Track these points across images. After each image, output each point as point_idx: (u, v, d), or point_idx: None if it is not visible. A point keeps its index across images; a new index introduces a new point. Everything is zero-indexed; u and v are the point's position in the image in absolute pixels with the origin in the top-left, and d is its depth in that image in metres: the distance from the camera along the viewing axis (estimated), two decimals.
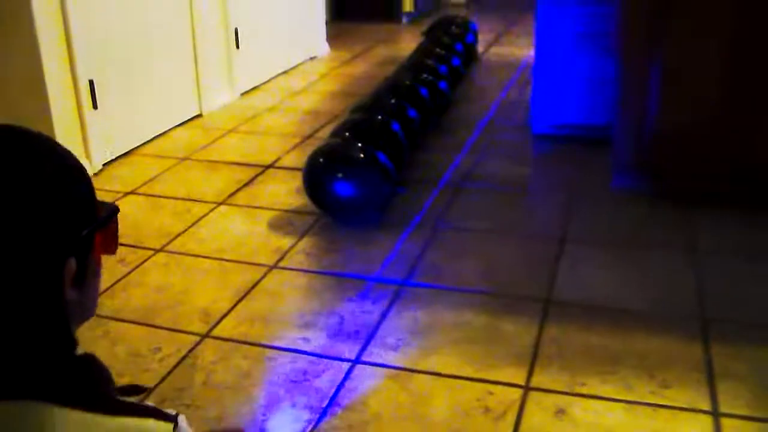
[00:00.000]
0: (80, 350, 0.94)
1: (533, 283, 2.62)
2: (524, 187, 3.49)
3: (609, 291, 2.56)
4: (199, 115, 4.53)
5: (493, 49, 6.25)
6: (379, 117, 3.36)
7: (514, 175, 3.62)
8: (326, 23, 6.24)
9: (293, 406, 2.04)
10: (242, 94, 4.97)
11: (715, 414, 1.98)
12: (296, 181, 3.42)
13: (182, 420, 0.94)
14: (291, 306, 2.54)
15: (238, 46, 4.88)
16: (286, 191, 3.43)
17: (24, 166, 0.86)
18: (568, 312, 2.45)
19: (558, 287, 2.60)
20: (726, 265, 2.70)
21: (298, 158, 3.70)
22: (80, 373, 0.95)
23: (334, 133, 3.28)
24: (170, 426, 0.92)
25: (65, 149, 0.92)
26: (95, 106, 3.63)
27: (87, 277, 0.93)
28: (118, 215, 0.98)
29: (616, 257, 2.79)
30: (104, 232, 0.95)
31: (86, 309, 0.97)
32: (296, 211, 3.22)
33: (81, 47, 3.50)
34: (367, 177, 2.99)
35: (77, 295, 0.92)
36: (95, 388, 0.96)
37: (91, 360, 0.97)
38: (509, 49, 6.27)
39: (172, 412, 0.94)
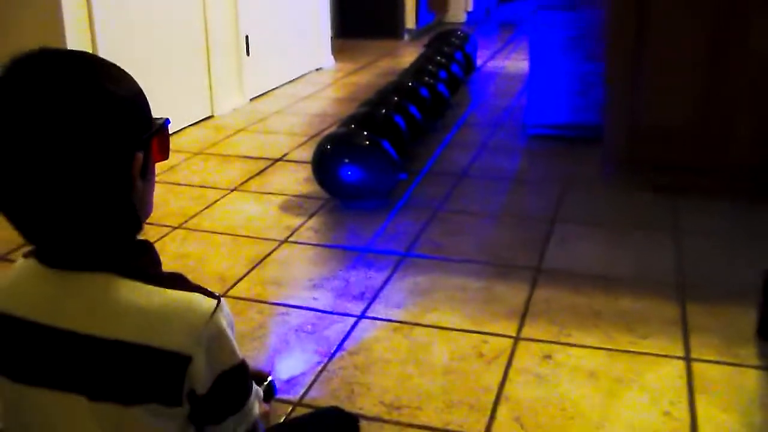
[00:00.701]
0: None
1: (525, 254, 2.83)
2: (519, 177, 3.71)
3: (595, 262, 2.77)
4: (211, 117, 4.76)
5: (491, 62, 6.51)
6: (383, 110, 3.59)
7: (510, 168, 3.84)
8: (331, 38, 6.49)
9: (304, 351, 2.25)
10: (251, 99, 5.21)
11: (687, 359, 2.18)
12: (305, 171, 3.65)
13: (224, 300, 1.14)
14: (301, 272, 2.74)
15: (248, 54, 5.13)
16: (295, 180, 3.65)
17: (110, 80, 1.08)
18: (557, 278, 2.66)
19: (548, 258, 2.81)
20: (704, 243, 2.91)
21: (306, 153, 3.91)
22: (141, 254, 1.16)
23: (342, 124, 3.51)
24: (214, 302, 1.12)
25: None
26: None
27: (148, 173, 1.15)
28: None
29: (603, 235, 3.00)
30: (159, 137, 1.17)
31: (146, 203, 1.17)
32: (305, 196, 3.44)
33: (104, 45, 3.75)
34: (371, 161, 3.21)
35: (142, 186, 1.13)
36: (152, 267, 1.17)
37: (149, 245, 1.18)
38: (506, 62, 6.53)
39: (216, 292, 1.14)
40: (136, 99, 1.13)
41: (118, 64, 1.13)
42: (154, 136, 1.15)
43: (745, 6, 3.14)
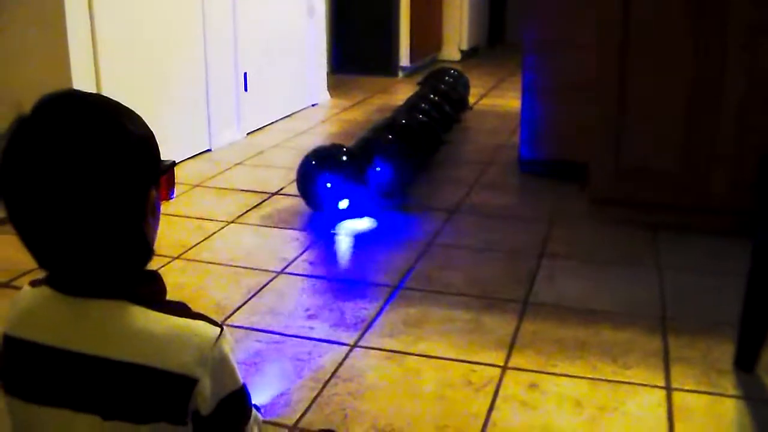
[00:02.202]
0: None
1: (513, 288, 2.93)
2: (509, 213, 3.82)
3: (581, 296, 2.87)
4: (209, 150, 4.87)
5: (484, 101, 6.66)
6: (377, 147, 3.71)
7: (501, 204, 3.95)
8: (326, 74, 6.64)
9: (299, 377, 2.33)
10: (248, 134, 5.33)
11: (668, 389, 2.27)
12: (301, 205, 3.75)
13: (226, 328, 1.23)
14: (297, 303, 2.83)
15: (246, 90, 5.26)
16: (291, 214, 3.75)
17: (128, 121, 1.19)
18: (544, 311, 2.76)
19: (535, 292, 2.91)
20: (685, 278, 3.02)
21: None
22: (150, 283, 1.26)
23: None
24: (218, 329, 1.21)
25: None
26: None
27: (156, 209, 1.25)
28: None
29: (589, 270, 3.10)
30: (167, 177, 1.28)
31: (154, 237, 1.28)
32: (301, 230, 3.54)
33: (108, 81, 3.87)
34: (350, 175, 3.36)
35: (152, 221, 1.24)
36: (159, 295, 1.27)
37: (157, 274, 1.28)
38: (499, 101, 6.68)
39: (218, 321, 1.24)
40: (150, 139, 1.23)
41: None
42: (163, 175, 1.26)
43: (719, 61, 3.28)
